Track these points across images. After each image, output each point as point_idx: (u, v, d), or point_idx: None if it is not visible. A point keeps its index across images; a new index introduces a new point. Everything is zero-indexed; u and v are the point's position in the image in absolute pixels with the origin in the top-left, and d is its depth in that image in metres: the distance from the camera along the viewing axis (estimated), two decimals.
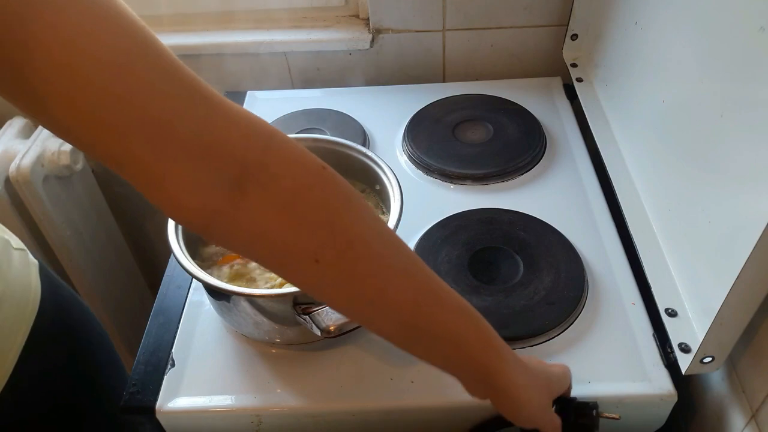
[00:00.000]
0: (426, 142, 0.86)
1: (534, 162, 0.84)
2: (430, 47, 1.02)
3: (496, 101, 0.94)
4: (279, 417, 0.61)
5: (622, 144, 0.78)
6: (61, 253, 1.06)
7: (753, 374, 0.55)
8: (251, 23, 1.05)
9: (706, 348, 0.54)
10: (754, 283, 0.48)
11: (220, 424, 0.62)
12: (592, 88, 0.89)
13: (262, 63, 1.05)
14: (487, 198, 0.79)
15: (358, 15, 1.05)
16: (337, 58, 1.04)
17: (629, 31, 0.76)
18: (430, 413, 0.60)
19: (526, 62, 1.04)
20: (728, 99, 0.54)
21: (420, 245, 0.72)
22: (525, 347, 0.62)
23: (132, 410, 0.61)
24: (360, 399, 0.60)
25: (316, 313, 0.55)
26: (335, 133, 0.87)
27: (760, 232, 0.44)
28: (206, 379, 0.62)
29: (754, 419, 0.54)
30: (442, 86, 1.00)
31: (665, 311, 0.59)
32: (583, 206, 0.77)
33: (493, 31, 1.00)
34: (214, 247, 0.66)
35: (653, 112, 0.69)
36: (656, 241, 0.65)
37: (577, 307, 0.65)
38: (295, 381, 0.62)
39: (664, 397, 0.58)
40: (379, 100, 0.98)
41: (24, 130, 1.05)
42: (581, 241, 0.72)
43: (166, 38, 1.02)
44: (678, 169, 0.63)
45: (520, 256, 0.69)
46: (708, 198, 0.56)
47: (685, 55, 0.62)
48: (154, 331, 0.67)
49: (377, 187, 0.70)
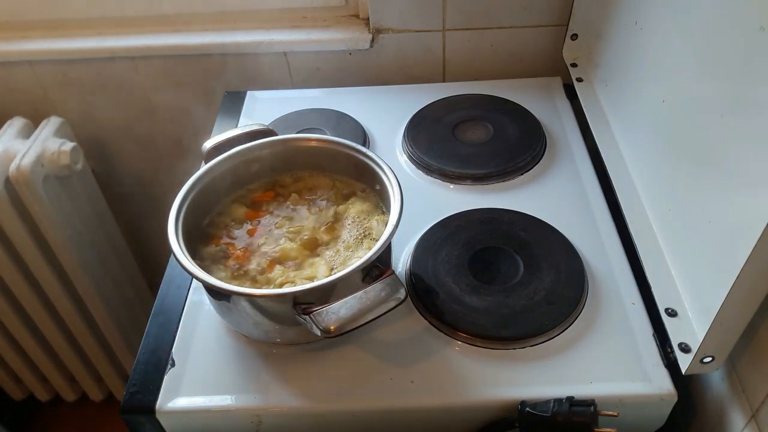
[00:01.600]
0: (426, 142, 0.86)
1: (534, 162, 0.84)
2: (430, 47, 1.02)
3: (496, 101, 0.93)
4: (279, 417, 0.61)
5: (622, 144, 0.78)
6: (61, 253, 1.06)
7: (753, 374, 0.55)
8: (251, 23, 1.05)
9: (706, 348, 0.54)
10: (754, 283, 0.48)
11: (220, 424, 0.62)
12: (592, 88, 0.89)
13: (262, 63, 1.05)
14: (487, 198, 0.79)
15: (358, 15, 1.05)
16: (337, 58, 1.04)
17: (629, 31, 0.76)
18: (430, 413, 0.60)
19: (526, 62, 1.04)
20: (728, 99, 0.54)
21: (420, 245, 0.72)
22: (525, 347, 0.62)
23: (132, 410, 0.61)
24: (360, 399, 0.60)
25: (316, 313, 0.55)
26: (335, 133, 0.87)
27: (760, 232, 0.44)
28: (206, 379, 0.62)
29: (754, 419, 0.55)
30: (442, 86, 0.99)
31: (665, 311, 0.59)
32: (583, 206, 0.77)
33: (493, 31, 1.00)
34: (214, 247, 0.66)
35: (653, 111, 0.69)
36: (656, 241, 0.65)
37: (577, 307, 0.65)
38: (295, 381, 0.62)
39: (664, 397, 0.58)
40: (379, 100, 0.98)
41: (24, 130, 1.05)
42: (581, 241, 0.72)
43: (166, 38, 1.03)
44: (678, 169, 0.63)
45: (520, 256, 0.69)
46: (708, 198, 0.56)
47: (685, 55, 0.62)
48: (154, 331, 0.67)
49: (377, 187, 0.70)
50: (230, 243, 0.67)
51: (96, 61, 1.06)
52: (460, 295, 0.66)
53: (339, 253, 0.65)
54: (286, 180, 0.74)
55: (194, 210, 0.66)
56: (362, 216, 0.68)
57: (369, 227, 0.67)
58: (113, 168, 1.23)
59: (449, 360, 0.62)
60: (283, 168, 0.74)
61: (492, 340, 0.63)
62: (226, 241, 0.67)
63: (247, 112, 0.96)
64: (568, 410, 0.55)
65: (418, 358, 0.62)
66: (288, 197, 0.72)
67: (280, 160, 0.74)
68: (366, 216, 0.68)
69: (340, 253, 0.65)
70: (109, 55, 1.05)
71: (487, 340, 0.63)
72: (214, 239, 0.67)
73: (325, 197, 0.72)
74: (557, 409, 0.55)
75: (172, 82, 1.07)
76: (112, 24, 1.07)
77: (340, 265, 0.64)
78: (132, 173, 1.25)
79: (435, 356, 0.62)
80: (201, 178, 0.68)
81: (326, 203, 0.71)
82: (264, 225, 0.69)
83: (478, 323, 0.63)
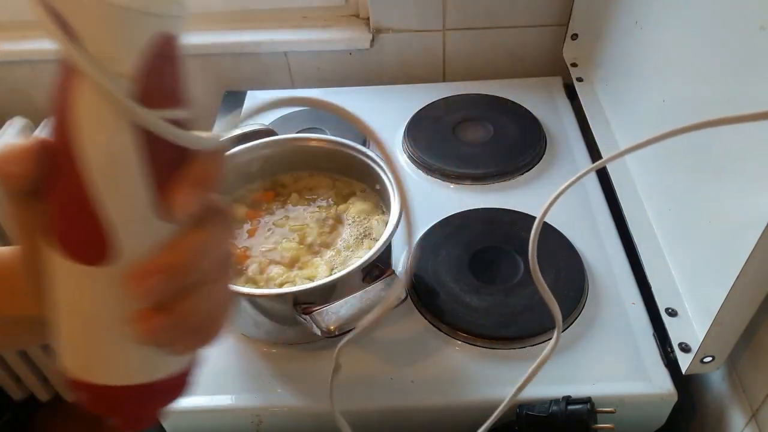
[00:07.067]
0: (426, 142, 0.86)
1: (534, 162, 0.84)
2: (431, 47, 1.02)
3: (496, 101, 0.93)
4: (279, 417, 0.61)
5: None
6: None
7: (753, 374, 0.55)
8: (251, 23, 1.05)
9: (707, 348, 0.54)
10: (754, 283, 0.48)
11: (220, 424, 0.62)
12: (593, 88, 0.89)
13: (262, 63, 1.05)
14: (487, 198, 0.79)
15: (358, 15, 1.05)
16: (337, 58, 1.04)
17: (629, 31, 0.76)
18: (430, 413, 0.60)
19: (526, 62, 1.04)
20: (728, 98, 0.54)
21: (420, 245, 0.72)
22: (525, 347, 0.62)
23: None
24: (360, 399, 0.60)
25: (316, 313, 0.55)
26: (335, 133, 0.87)
27: (760, 232, 0.44)
28: (206, 379, 0.62)
29: (754, 419, 0.54)
30: (442, 86, 0.99)
31: (665, 311, 0.59)
32: (583, 206, 0.77)
33: (494, 30, 1.00)
34: None
35: (653, 111, 0.69)
36: (656, 241, 0.65)
37: (577, 307, 0.65)
38: (295, 381, 0.62)
39: (664, 397, 0.58)
40: (379, 100, 0.98)
41: (24, 129, 1.05)
42: (581, 241, 0.72)
43: None
44: (678, 169, 0.63)
45: (520, 256, 0.69)
46: (708, 198, 0.56)
47: (685, 55, 0.62)
48: None
49: (377, 187, 0.70)
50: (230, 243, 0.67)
51: None
52: (460, 295, 0.66)
53: (339, 253, 0.65)
54: (286, 180, 0.74)
55: None
56: (362, 216, 0.68)
57: (369, 227, 0.67)
58: None
59: (449, 360, 0.62)
60: (283, 168, 0.74)
61: (492, 340, 0.63)
62: None
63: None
64: (564, 409, 0.55)
65: (418, 358, 0.62)
66: (288, 197, 0.72)
67: (280, 160, 0.74)
68: (366, 216, 0.68)
69: (340, 253, 0.65)
70: None
71: (487, 340, 0.63)
72: None
73: (325, 197, 0.72)
74: (554, 409, 0.55)
75: None
76: None
77: (340, 265, 0.64)
78: None
79: (435, 356, 0.62)
80: None
81: (326, 203, 0.71)
82: (264, 225, 0.69)
83: (478, 323, 0.63)
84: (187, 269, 0.25)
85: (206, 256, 0.26)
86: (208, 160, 0.25)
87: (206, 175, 0.25)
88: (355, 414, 0.60)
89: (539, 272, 0.40)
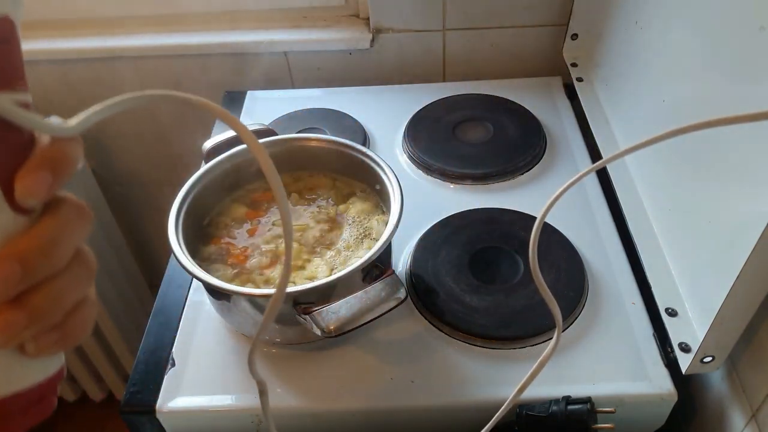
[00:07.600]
0: (426, 142, 0.86)
1: (534, 162, 0.84)
2: (431, 47, 1.02)
3: (496, 101, 0.93)
4: (279, 417, 0.61)
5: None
6: None
7: (753, 374, 0.55)
8: (251, 23, 1.05)
9: (707, 348, 0.54)
10: (754, 283, 0.48)
11: (220, 424, 0.62)
12: (593, 88, 0.89)
13: (262, 63, 1.05)
14: (487, 198, 0.79)
15: (358, 15, 1.05)
16: (337, 58, 1.04)
17: (629, 31, 0.76)
18: (430, 413, 0.60)
19: (526, 62, 1.04)
20: (728, 98, 0.54)
21: (420, 245, 0.72)
22: (525, 347, 0.62)
23: (132, 410, 0.61)
24: (360, 399, 0.60)
25: (316, 313, 0.55)
26: (335, 133, 0.87)
27: (760, 232, 0.44)
28: (206, 379, 0.62)
29: (754, 419, 0.54)
30: (442, 86, 0.99)
31: (665, 311, 0.59)
32: (583, 206, 0.77)
33: (494, 30, 1.00)
34: (214, 247, 0.66)
35: (653, 111, 0.69)
36: (656, 241, 0.65)
37: (577, 307, 0.65)
38: (295, 381, 0.62)
39: (664, 397, 0.58)
40: (379, 99, 0.98)
41: None
42: (581, 241, 0.72)
43: (166, 38, 1.03)
44: (678, 169, 0.63)
45: (520, 256, 0.69)
46: (708, 198, 0.56)
47: (686, 55, 0.62)
48: (154, 331, 0.67)
49: (377, 187, 0.70)
50: (230, 243, 0.67)
51: (96, 61, 1.06)
52: (460, 295, 0.66)
53: (339, 253, 0.65)
54: (286, 180, 0.74)
55: (194, 210, 0.66)
56: (362, 216, 0.68)
57: (369, 227, 0.67)
58: (113, 168, 1.23)
59: (449, 360, 0.62)
60: (283, 168, 0.74)
61: (492, 340, 0.63)
62: (226, 241, 0.67)
63: (247, 112, 0.97)
64: (564, 409, 0.55)
65: (418, 358, 0.62)
66: (288, 197, 0.72)
67: (280, 160, 0.73)
68: (366, 216, 0.68)
69: (340, 253, 0.65)
70: (109, 55, 1.05)
71: (487, 340, 0.63)
72: (214, 239, 0.67)
73: (325, 197, 0.72)
74: (554, 409, 0.55)
75: (172, 82, 1.07)
76: (112, 24, 1.06)
77: (340, 265, 0.64)
78: (132, 173, 1.25)
79: (435, 356, 0.62)
80: (201, 178, 0.68)
81: (326, 203, 0.71)
82: (264, 225, 0.69)
83: (478, 323, 0.63)
84: (36, 257, 0.23)
85: (57, 245, 0.24)
86: (58, 145, 0.24)
87: (54, 160, 0.23)
88: (355, 414, 0.60)
89: (539, 272, 0.40)
